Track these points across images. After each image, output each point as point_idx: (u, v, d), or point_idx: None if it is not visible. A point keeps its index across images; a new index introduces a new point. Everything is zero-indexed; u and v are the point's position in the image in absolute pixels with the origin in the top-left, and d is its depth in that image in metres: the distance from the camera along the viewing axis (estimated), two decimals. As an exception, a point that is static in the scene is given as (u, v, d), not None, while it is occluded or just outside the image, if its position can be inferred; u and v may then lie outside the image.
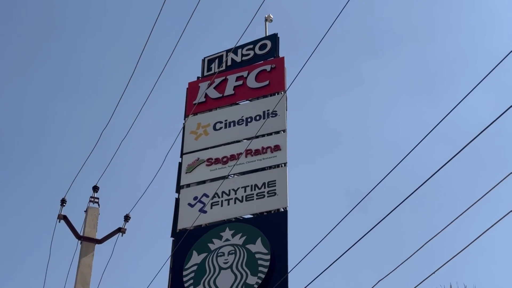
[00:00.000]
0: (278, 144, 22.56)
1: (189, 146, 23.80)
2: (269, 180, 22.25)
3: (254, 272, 21.75)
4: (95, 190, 17.39)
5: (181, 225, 23.01)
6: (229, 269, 22.19)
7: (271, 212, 22.33)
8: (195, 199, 23.48)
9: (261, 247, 21.95)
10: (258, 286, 21.49)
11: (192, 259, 22.86)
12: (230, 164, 22.83)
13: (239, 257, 22.14)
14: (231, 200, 22.88)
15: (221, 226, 22.75)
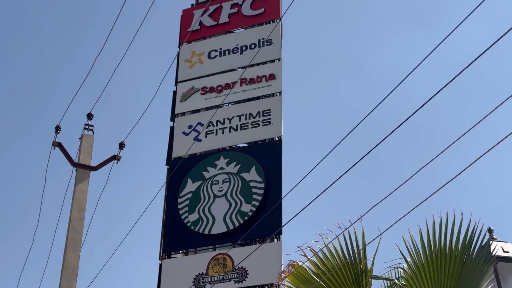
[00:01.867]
0: (273, 72, 22.45)
1: (184, 74, 23.67)
2: (264, 108, 22.24)
3: (249, 200, 21.98)
4: (90, 117, 17.34)
5: (176, 153, 23.10)
6: (223, 197, 22.41)
7: (266, 141, 22.41)
8: (189, 127, 23.50)
9: (256, 175, 22.13)
10: (252, 213, 21.76)
11: (187, 187, 23.06)
12: (225, 92, 22.75)
13: (234, 185, 22.33)
14: (226, 129, 22.92)
15: (216, 154, 22.87)
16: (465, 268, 7.26)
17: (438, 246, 7.29)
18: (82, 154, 15.11)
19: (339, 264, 7.21)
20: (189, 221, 22.58)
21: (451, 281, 7.25)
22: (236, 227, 21.66)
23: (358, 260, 7.26)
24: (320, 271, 7.30)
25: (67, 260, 11.86)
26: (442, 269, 7.25)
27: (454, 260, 7.25)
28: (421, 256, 7.33)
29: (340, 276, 7.27)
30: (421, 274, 7.28)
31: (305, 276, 7.32)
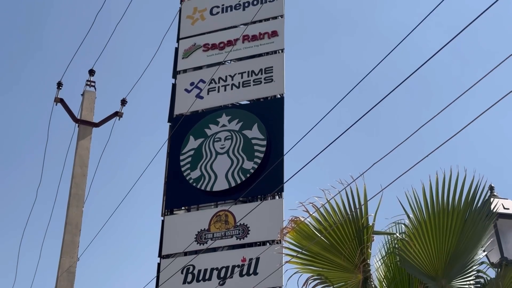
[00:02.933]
0: (275, 29, 22.29)
1: (186, 31, 23.51)
2: (266, 66, 22.15)
3: (250, 157, 22.04)
4: (91, 73, 17.27)
5: (178, 110, 23.09)
6: (225, 154, 22.47)
7: (268, 98, 22.37)
8: (191, 84, 23.44)
9: (258, 132, 22.15)
10: (254, 170, 21.85)
11: (189, 144, 23.11)
12: (227, 49, 22.63)
13: (236, 142, 22.37)
14: (228, 86, 22.85)
15: (218, 111, 22.86)
16: (467, 224, 7.31)
17: (440, 202, 7.32)
18: (84, 110, 15.10)
19: (341, 220, 7.26)
20: (191, 177, 22.68)
21: (453, 237, 7.31)
22: (238, 184, 21.76)
23: (359, 216, 7.31)
24: (322, 226, 7.36)
25: (70, 215, 11.94)
26: (444, 225, 7.30)
27: (456, 216, 7.29)
28: (423, 212, 7.37)
29: (342, 231, 7.32)
30: (423, 230, 7.33)
31: (306, 232, 7.37)
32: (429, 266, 7.37)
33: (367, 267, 7.35)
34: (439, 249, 7.33)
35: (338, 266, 7.44)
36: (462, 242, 7.33)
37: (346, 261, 7.40)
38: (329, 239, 7.36)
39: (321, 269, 7.51)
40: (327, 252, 7.40)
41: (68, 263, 11.48)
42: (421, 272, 7.39)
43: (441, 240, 7.32)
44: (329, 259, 7.44)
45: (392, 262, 7.96)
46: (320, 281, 7.48)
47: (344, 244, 7.36)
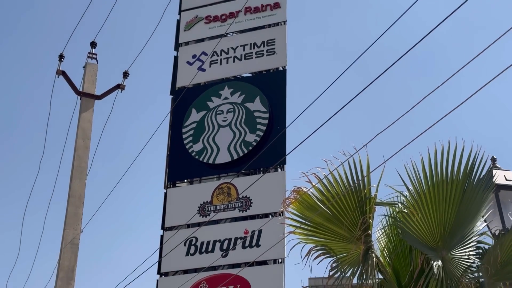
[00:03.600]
0: (277, 1, 22.16)
1: (188, 3, 23.40)
2: (269, 38, 22.07)
3: (253, 129, 22.06)
4: (93, 45, 17.20)
5: (180, 83, 23.07)
6: (227, 127, 22.49)
7: (270, 71, 22.33)
8: (193, 57, 23.37)
9: (260, 105, 22.14)
10: (256, 143, 21.88)
11: (191, 117, 23.11)
12: (229, 21, 22.52)
13: (238, 115, 22.37)
14: (230, 59, 22.79)
15: (220, 84, 22.83)
16: (466, 196, 7.36)
17: (440, 174, 7.36)
18: (86, 83, 15.07)
19: (343, 190, 7.29)
20: (194, 150, 22.72)
21: (452, 208, 7.36)
22: (240, 156, 21.80)
23: (362, 187, 7.34)
24: (324, 197, 7.39)
25: (73, 187, 11.99)
26: (443, 197, 7.35)
27: (455, 187, 7.33)
28: (422, 184, 7.41)
29: (344, 202, 7.36)
30: (423, 202, 7.38)
31: (309, 203, 7.41)
32: (429, 237, 7.42)
33: (369, 238, 7.40)
34: (439, 220, 7.39)
35: (341, 236, 7.50)
36: (462, 213, 7.38)
37: (348, 231, 7.45)
38: (332, 210, 7.40)
39: (324, 239, 7.57)
40: (329, 222, 7.45)
41: (72, 235, 11.55)
42: (422, 243, 7.45)
43: (440, 211, 7.37)
44: (331, 229, 7.49)
45: (393, 233, 8.02)
46: (323, 252, 7.53)
47: (346, 215, 7.40)
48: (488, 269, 7.35)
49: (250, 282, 20.11)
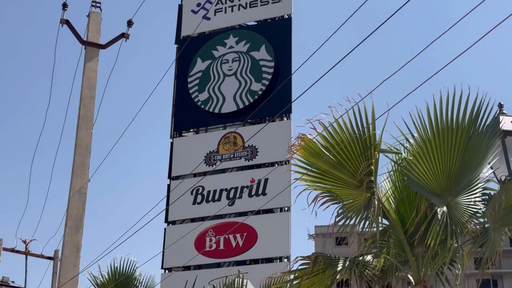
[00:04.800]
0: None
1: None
2: (274, -15, 21.88)
3: (258, 78, 21.99)
4: (97, -7, 17.01)
5: (185, 32, 22.91)
6: (233, 76, 22.42)
7: (275, 19, 22.13)
8: (198, 5, 23.15)
9: (265, 54, 22.02)
10: (262, 92, 21.84)
11: (197, 66, 23.03)
12: (234, -32, 22.33)
13: (243, 64, 22.27)
14: (235, 7, 22.56)
15: (225, 33, 22.67)
16: (471, 142, 7.33)
17: (445, 120, 7.33)
18: (90, 32, 14.95)
19: (348, 137, 7.29)
20: (199, 100, 22.71)
21: (457, 155, 7.35)
22: (246, 105, 21.80)
23: (366, 134, 7.34)
24: (330, 144, 7.40)
25: (79, 137, 12.02)
26: (448, 143, 7.33)
27: (460, 134, 7.31)
28: (428, 130, 7.38)
29: (349, 149, 7.37)
30: (428, 149, 7.36)
31: (314, 150, 7.42)
32: (435, 184, 7.44)
33: (372, 184, 7.42)
34: (444, 166, 7.39)
35: (346, 183, 7.53)
36: (467, 159, 7.37)
37: (353, 178, 7.47)
38: (337, 157, 7.41)
39: (330, 186, 7.61)
40: (335, 169, 7.47)
41: (79, 184, 11.63)
42: (427, 190, 7.47)
43: (446, 157, 7.36)
44: (337, 176, 7.52)
45: (398, 179, 8.05)
46: (329, 198, 7.58)
47: (351, 162, 7.41)
48: (493, 215, 7.38)
49: (256, 230, 20.32)
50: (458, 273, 8.02)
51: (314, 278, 7.93)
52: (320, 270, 7.88)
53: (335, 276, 7.99)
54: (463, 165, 7.39)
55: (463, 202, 7.48)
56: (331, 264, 8.03)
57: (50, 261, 18.51)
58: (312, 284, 7.99)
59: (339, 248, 62.02)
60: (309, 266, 7.85)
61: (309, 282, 7.94)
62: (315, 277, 7.93)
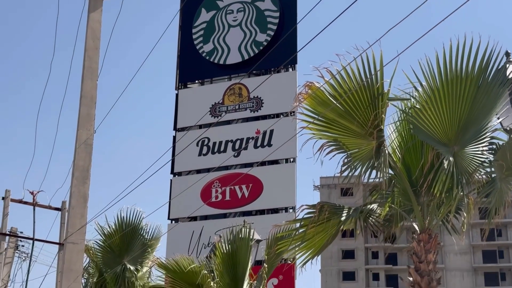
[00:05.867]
0: None
1: None
2: None
3: (263, 29, 21.81)
4: None
5: (189, -16, 22.66)
6: (238, 27, 22.24)
7: (280, -32, 21.85)
8: (202, -46, 22.87)
9: (270, 4, 21.79)
10: (267, 43, 21.69)
11: (201, 17, 22.83)
12: None
13: (248, 14, 22.05)
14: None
15: (230, -18, 22.44)
16: (480, 91, 7.28)
17: (454, 69, 7.25)
18: (93, -18, 14.74)
19: (356, 86, 7.22)
20: (204, 51, 22.58)
21: (466, 104, 7.29)
22: (251, 56, 21.69)
23: (375, 82, 7.27)
24: (337, 93, 7.33)
25: (84, 88, 11.95)
26: (457, 92, 7.27)
27: (469, 83, 7.24)
28: (436, 79, 7.31)
29: (357, 98, 7.30)
30: (436, 97, 7.31)
31: (321, 98, 7.36)
32: (442, 133, 7.41)
33: (381, 133, 7.39)
34: (452, 116, 7.34)
35: (353, 132, 7.49)
36: (475, 108, 7.32)
37: (360, 127, 7.43)
38: (344, 105, 7.36)
39: (336, 135, 7.57)
40: (342, 118, 7.43)
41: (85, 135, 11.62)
42: (433, 139, 7.44)
43: (454, 107, 7.31)
44: (344, 125, 7.48)
45: (404, 128, 8.02)
46: (335, 147, 7.56)
47: (358, 110, 7.36)
48: (500, 165, 7.37)
49: (262, 181, 20.43)
50: (463, 221, 8.06)
51: (319, 227, 7.97)
52: (326, 218, 7.91)
53: (340, 225, 8.03)
54: (471, 114, 7.34)
55: (470, 152, 7.46)
56: (336, 213, 8.06)
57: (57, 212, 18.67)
58: (318, 233, 8.03)
59: (344, 198, 62.45)
60: (315, 215, 7.88)
61: (315, 231, 7.98)
62: (320, 226, 7.97)
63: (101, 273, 14.76)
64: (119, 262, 14.39)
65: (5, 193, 18.96)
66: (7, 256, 19.88)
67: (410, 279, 7.68)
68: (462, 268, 62.99)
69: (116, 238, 14.43)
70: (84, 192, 11.03)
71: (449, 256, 62.57)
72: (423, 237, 7.67)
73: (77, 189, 10.98)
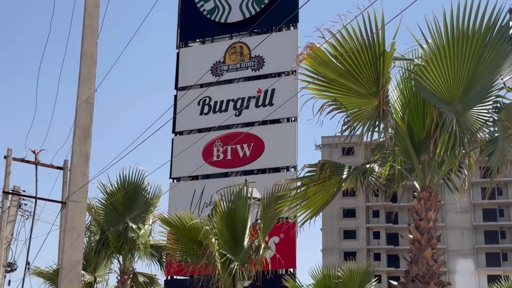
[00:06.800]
0: None
1: None
2: None
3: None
4: None
5: None
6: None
7: None
8: None
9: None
10: (268, 1, 21.48)
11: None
12: None
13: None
14: None
15: None
16: (486, 49, 7.19)
17: (460, 27, 7.14)
18: None
19: (357, 45, 7.15)
20: (205, 9, 22.38)
21: (471, 62, 7.21)
22: (252, 15, 21.50)
23: (377, 41, 7.19)
24: (338, 52, 7.27)
25: (85, 47, 11.88)
26: (463, 50, 7.18)
27: (476, 41, 7.14)
28: (442, 37, 7.21)
29: (358, 57, 7.23)
30: (441, 55, 7.23)
31: (322, 58, 7.29)
32: (445, 91, 7.35)
33: (386, 93, 7.31)
34: (457, 74, 7.28)
35: (354, 92, 7.44)
36: (481, 67, 7.24)
37: (362, 86, 7.38)
38: (345, 65, 7.30)
39: (337, 95, 7.53)
40: (343, 78, 7.37)
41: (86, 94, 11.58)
42: (437, 97, 7.39)
43: (459, 65, 7.24)
44: (344, 85, 7.43)
45: (406, 88, 7.97)
46: (335, 107, 7.53)
47: (360, 70, 7.30)
48: (504, 124, 7.35)
49: (263, 140, 20.45)
50: (464, 179, 8.08)
51: (319, 185, 7.99)
52: (327, 177, 7.93)
53: (341, 184, 8.05)
54: (476, 73, 7.27)
55: (474, 110, 7.40)
56: (337, 172, 8.07)
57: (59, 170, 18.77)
58: (319, 191, 8.06)
59: (346, 158, 62.60)
60: (316, 173, 7.89)
61: (316, 189, 8.00)
62: (321, 184, 7.99)
63: (103, 231, 14.88)
64: (121, 220, 14.49)
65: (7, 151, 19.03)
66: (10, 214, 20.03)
67: (410, 237, 7.74)
68: (462, 226, 63.47)
69: (119, 196, 14.51)
70: (85, 151, 11.03)
71: (450, 215, 62.97)
72: (424, 195, 7.70)
73: (79, 147, 10.99)
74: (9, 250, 20.20)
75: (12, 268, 22.31)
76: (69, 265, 10.23)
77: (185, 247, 10.98)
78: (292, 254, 19.02)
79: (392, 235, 63.79)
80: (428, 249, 7.54)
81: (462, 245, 62.99)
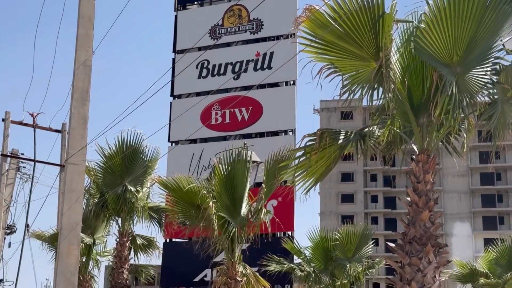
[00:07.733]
0: None
1: None
2: None
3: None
4: None
5: None
6: None
7: None
8: None
9: None
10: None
11: None
12: None
13: None
14: None
15: None
16: (488, 11, 7.11)
17: None
18: None
19: (356, 7, 7.08)
20: (203, -29, 22.14)
21: (472, 24, 7.13)
22: (251, -24, 21.28)
23: (376, 3, 7.11)
24: (337, 14, 7.19)
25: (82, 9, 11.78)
26: (464, 11, 7.09)
27: (478, 2, 7.07)
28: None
29: (357, 19, 7.16)
30: (442, 17, 7.15)
31: (321, 21, 7.22)
32: (445, 54, 7.29)
33: (387, 55, 7.25)
34: (457, 36, 7.21)
35: (353, 54, 7.39)
36: (482, 29, 7.16)
37: (362, 49, 7.32)
38: (344, 27, 7.23)
39: (335, 57, 7.48)
40: (341, 40, 7.30)
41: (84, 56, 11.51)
42: (436, 60, 7.34)
43: (460, 27, 7.16)
44: (343, 47, 7.36)
45: (406, 51, 7.91)
46: (334, 70, 7.49)
47: (359, 32, 7.22)
48: (503, 87, 7.32)
49: (262, 104, 20.41)
50: (463, 142, 8.08)
51: (321, 153, 8.02)
52: (327, 144, 7.96)
53: (342, 150, 8.08)
54: (477, 35, 7.19)
55: (473, 73, 7.35)
56: (336, 138, 8.09)
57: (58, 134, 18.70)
58: (320, 158, 8.09)
59: (344, 122, 62.58)
60: (316, 142, 7.92)
61: (317, 157, 8.03)
62: (322, 152, 8.02)
63: (102, 193, 14.94)
64: (119, 183, 14.55)
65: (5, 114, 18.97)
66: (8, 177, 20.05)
67: (408, 199, 7.77)
68: (459, 190, 63.72)
69: (117, 159, 14.55)
70: (84, 113, 11.01)
71: (447, 178, 63.16)
72: (422, 157, 7.71)
73: (77, 110, 10.96)
74: (8, 212, 20.29)
75: (12, 230, 22.42)
76: (68, 227, 10.29)
77: (183, 209, 11.04)
78: (290, 217, 19.12)
79: (389, 198, 64.07)
80: (426, 211, 7.58)
81: (459, 208, 63.32)
